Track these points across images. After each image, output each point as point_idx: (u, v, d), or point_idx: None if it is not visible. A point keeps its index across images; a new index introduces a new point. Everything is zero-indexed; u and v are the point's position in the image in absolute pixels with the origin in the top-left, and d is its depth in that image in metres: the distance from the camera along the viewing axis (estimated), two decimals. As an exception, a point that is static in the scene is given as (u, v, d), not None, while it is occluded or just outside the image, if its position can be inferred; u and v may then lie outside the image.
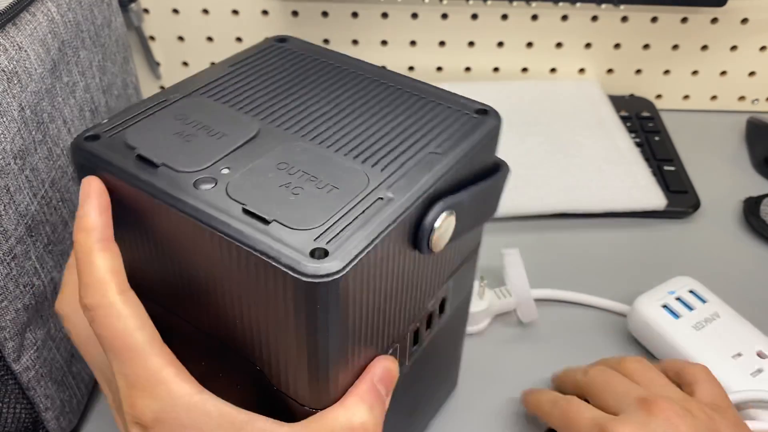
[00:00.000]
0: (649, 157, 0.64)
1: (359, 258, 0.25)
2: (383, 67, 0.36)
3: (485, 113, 0.33)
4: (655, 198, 0.58)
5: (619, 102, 0.71)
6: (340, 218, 0.26)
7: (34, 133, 0.35)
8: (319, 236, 0.25)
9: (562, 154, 0.61)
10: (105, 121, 0.31)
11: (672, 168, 0.62)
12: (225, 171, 0.28)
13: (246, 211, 0.26)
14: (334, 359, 0.27)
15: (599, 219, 0.59)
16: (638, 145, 0.65)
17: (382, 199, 0.27)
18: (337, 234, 0.26)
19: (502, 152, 0.61)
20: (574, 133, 0.64)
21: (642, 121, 0.69)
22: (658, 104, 0.74)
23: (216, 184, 0.28)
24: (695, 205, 0.59)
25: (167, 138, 0.30)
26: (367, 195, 0.28)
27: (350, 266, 0.25)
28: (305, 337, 0.26)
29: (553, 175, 0.59)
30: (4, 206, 0.33)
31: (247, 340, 0.29)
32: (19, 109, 0.34)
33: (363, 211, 0.27)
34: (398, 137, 0.31)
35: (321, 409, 0.28)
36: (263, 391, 0.30)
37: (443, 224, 0.29)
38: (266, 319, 0.27)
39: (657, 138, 0.66)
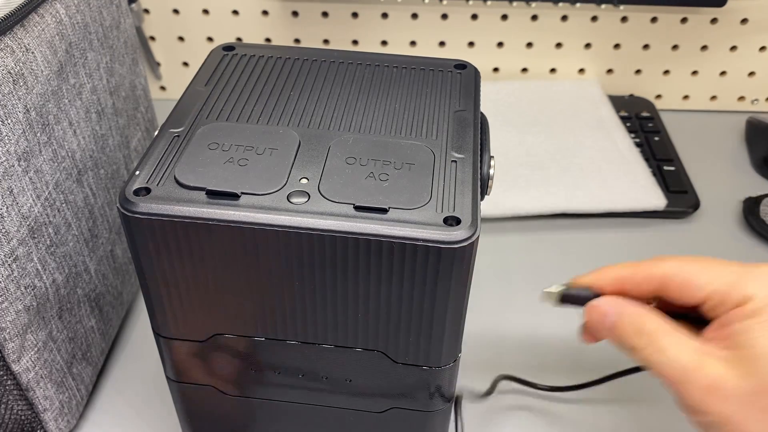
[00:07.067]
0: (648, 157, 0.64)
1: (477, 216, 0.27)
2: (344, 50, 0.37)
3: (464, 67, 0.36)
4: (654, 198, 0.58)
5: (618, 102, 0.71)
6: (439, 187, 0.28)
7: (39, 134, 0.35)
8: (438, 208, 0.27)
9: (562, 154, 0.62)
10: (137, 173, 0.28)
11: (672, 168, 0.63)
12: (304, 181, 0.28)
13: (359, 208, 0.27)
14: (465, 311, 0.30)
15: (599, 219, 0.59)
16: (638, 145, 0.65)
17: (455, 161, 0.29)
18: (448, 201, 0.27)
19: (503, 152, 0.62)
20: (574, 133, 0.64)
21: (642, 121, 0.69)
22: (658, 104, 0.74)
23: (308, 194, 0.27)
24: (695, 205, 0.59)
25: (222, 168, 0.28)
26: (441, 162, 0.29)
27: (478, 225, 0.27)
28: (451, 299, 0.28)
29: (552, 175, 0.59)
30: (7, 208, 0.33)
31: (369, 331, 0.30)
32: (24, 111, 0.33)
33: (450, 176, 0.28)
34: (418, 106, 0.33)
35: (443, 367, 0.31)
36: (382, 370, 0.32)
37: (493, 170, 0.32)
38: (399, 300, 0.28)
39: (657, 138, 0.66)
